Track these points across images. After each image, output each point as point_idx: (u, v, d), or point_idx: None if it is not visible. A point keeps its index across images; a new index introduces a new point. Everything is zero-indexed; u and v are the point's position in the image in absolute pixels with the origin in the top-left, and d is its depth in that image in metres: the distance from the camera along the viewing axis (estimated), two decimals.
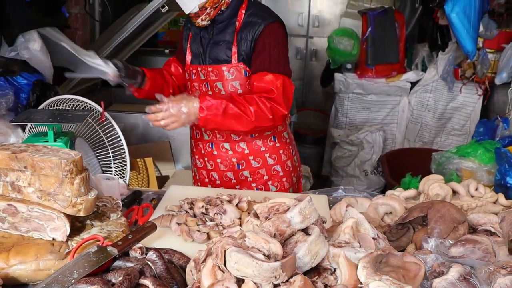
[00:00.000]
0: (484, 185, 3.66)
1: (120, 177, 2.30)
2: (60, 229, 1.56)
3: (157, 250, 1.47)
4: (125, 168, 2.32)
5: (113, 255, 1.46)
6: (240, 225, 1.80)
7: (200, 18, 2.22)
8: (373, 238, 1.49)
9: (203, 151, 2.46)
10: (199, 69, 2.34)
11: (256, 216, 1.52)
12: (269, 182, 2.48)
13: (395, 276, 1.33)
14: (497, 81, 4.16)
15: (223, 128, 2.20)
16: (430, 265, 1.42)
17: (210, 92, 2.32)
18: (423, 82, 4.91)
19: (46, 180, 1.54)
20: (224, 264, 1.26)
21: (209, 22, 2.25)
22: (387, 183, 4.59)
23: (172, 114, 2.07)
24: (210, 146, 2.44)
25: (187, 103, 2.08)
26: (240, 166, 2.43)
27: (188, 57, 2.40)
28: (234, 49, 2.26)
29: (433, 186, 1.96)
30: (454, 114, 4.89)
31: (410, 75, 4.92)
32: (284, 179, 2.50)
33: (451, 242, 1.49)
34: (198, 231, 1.77)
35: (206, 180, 2.50)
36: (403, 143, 5.19)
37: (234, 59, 2.27)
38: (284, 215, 1.41)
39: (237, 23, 2.27)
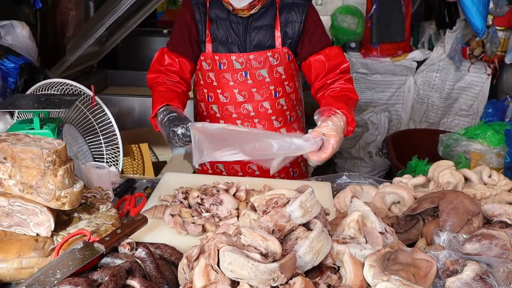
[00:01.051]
0: (493, 168, 3.58)
1: (113, 165, 2.19)
2: (44, 224, 1.46)
3: (146, 247, 1.36)
4: (118, 155, 2.20)
5: (100, 252, 1.36)
6: (238, 216, 1.69)
7: (255, 8, 2.08)
8: (380, 232, 1.37)
9: None
10: (234, 57, 2.14)
11: (253, 208, 1.40)
12: (290, 169, 2.38)
13: (405, 276, 1.22)
14: (507, 60, 4.02)
15: None
16: (442, 262, 1.31)
17: (250, 81, 2.17)
18: (429, 61, 4.77)
19: (28, 172, 1.43)
20: (218, 264, 1.15)
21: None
22: (392, 165, 4.48)
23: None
24: None
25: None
26: None
27: (208, 45, 2.17)
28: (278, 33, 2.14)
29: (443, 173, 1.84)
30: (461, 94, 4.76)
31: (416, 54, 4.78)
32: (302, 164, 2.42)
33: (465, 236, 1.38)
34: (193, 223, 1.67)
35: (210, 171, 2.38)
36: (409, 124, 5.07)
37: (278, 44, 2.15)
38: (284, 209, 1.30)
39: (277, 5, 2.15)
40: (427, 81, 4.85)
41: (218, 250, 1.16)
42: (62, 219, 1.57)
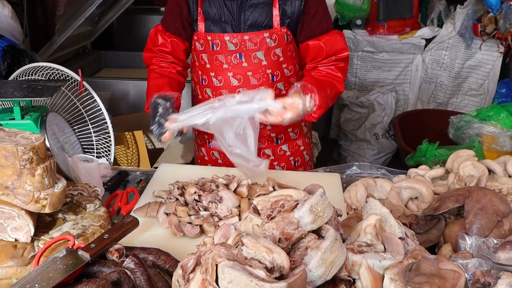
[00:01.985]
0: (506, 152, 3.42)
1: (104, 155, 2.02)
2: (22, 229, 1.31)
3: (136, 256, 1.20)
4: (110, 145, 2.04)
5: (84, 262, 1.21)
6: (239, 215, 1.53)
7: None
8: (399, 237, 1.22)
9: None
10: (227, 38, 1.95)
11: (256, 211, 1.25)
12: (291, 158, 2.21)
13: None
14: None
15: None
16: (471, 273, 1.16)
17: (245, 64, 1.99)
18: (438, 38, 4.56)
19: (2, 172, 1.27)
20: (216, 280, 1.00)
21: None
22: (400, 148, 4.32)
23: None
24: None
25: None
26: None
27: (201, 24, 2.00)
28: (276, 11, 1.95)
29: (464, 164, 1.68)
30: (471, 73, 4.56)
31: (425, 31, 4.56)
32: (305, 152, 2.26)
33: (495, 241, 1.22)
34: (190, 223, 1.51)
35: (206, 158, 2.22)
36: (416, 104, 4.88)
37: (276, 23, 1.96)
38: (291, 214, 1.14)
39: None
40: (436, 59, 4.65)
41: (217, 265, 1.00)
42: (44, 221, 1.42)
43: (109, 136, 2.04)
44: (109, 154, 2.04)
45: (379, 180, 1.71)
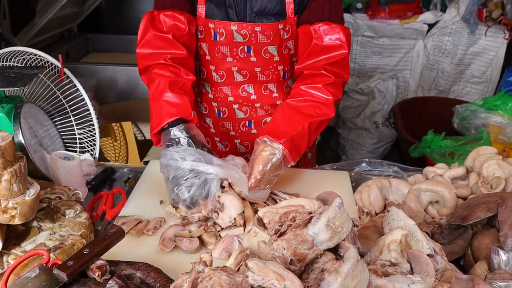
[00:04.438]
0: None
1: (89, 150, 1.83)
2: None
3: (120, 277, 1.03)
4: (95, 138, 1.85)
5: (60, 283, 1.03)
6: (244, 225, 1.35)
7: None
8: (428, 254, 1.05)
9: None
10: (235, 27, 1.66)
11: (262, 223, 1.07)
12: None
13: None
14: None
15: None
16: None
17: (253, 59, 1.71)
18: (441, 23, 4.42)
19: None
20: None
21: None
22: (400, 137, 4.18)
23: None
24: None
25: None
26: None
27: (201, 8, 1.67)
28: None
29: (488, 164, 1.51)
30: (474, 59, 4.44)
31: (428, 16, 4.42)
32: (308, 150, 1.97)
33: None
34: (188, 238, 1.33)
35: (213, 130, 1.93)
36: (417, 92, 4.75)
37: (290, 11, 1.67)
38: (305, 230, 0.96)
39: None
40: (438, 45, 4.51)
41: None
42: (16, 231, 1.24)
43: (94, 129, 1.85)
44: (94, 149, 1.85)
45: (394, 181, 1.54)
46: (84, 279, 1.10)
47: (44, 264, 1.08)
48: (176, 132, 1.48)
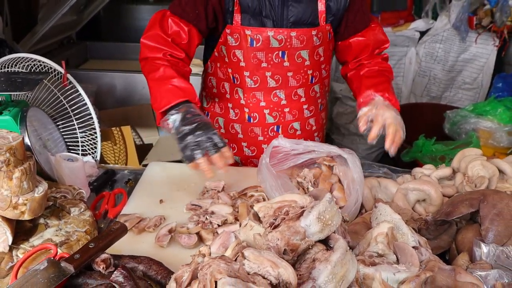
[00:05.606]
0: (503, 148, 3.34)
1: (90, 153, 1.90)
2: None
3: (125, 268, 1.09)
4: (96, 141, 1.92)
5: (68, 275, 1.10)
6: (237, 219, 1.42)
7: None
8: (413, 246, 1.12)
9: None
10: (271, 33, 1.74)
11: (257, 218, 1.14)
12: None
13: None
14: None
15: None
16: (491, 285, 1.06)
17: (287, 64, 1.81)
18: (433, 31, 4.49)
19: None
20: None
21: None
22: None
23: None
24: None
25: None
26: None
27: (237, 17, 1.75)
28: (321, 6, 1.79)
29: (473, 164, 1.59)
30: (465, 66, 4.50)
31: (419, 24, 4.50)
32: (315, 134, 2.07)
33: None
34: (186, 234, 1.39)
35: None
36: (409, 98, 4.81)
37: (322, 20, 1.80)
38: (297, 222, 1.03)
39: None
40: (430, 52, 4.58)
41: (216, 282, 0.90)
42: (24, 227, 1.30)
43: (95, 132, 1.92)
44: (95, 152, 1.92)
45: (383, 181, 1.61)
46: (90, 272, 1.16)
47: (52, 258, 1.14)
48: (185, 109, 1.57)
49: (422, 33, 4.55)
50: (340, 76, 4.88)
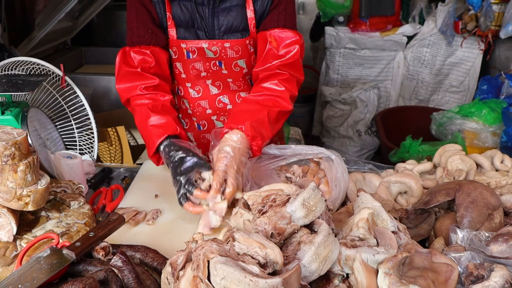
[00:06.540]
0: (488, 148, 3.44)
1: (87, 152, 1.98)
2: (4, 228, 1.26)
3: (123, 254, 1.17)
4: (93, 141, 1.99)
5: (69, 261, 1.17)
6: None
7: None
8: (392, 231, 1.21)
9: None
10: (205, 45, 1.76)
11: (247, 206, 1.22)
12: None
13: (424, 283, 1.06)
14: (502, 35, 3.85)
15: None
16: (464, 266, 1.15)
17: (225, 71, 1.83)
18: (420, 36, 4.59)
19: None
20: (208, 277, 0.98)
21: None
22: (382, 144, 4.34)
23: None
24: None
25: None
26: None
27: (172, 31, 1.77)
28: (250, 13, 1.78)
29: (452, 158, 1.68)
30: (452, 70, 4.60)
31: (407, 29, 4.59)
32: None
33: (487, 235, 1.22)
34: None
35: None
36: (398, 101, 4.91)
37: (252, 26, 1.79)
38: (283, 208, 1.12)
39: None
40: (417, 56, 4.68)
41: (208, 261, 0.98)
42: (27, 219, 1.37)
43: (92, 133, 1.99)
44: (92, 151, 1.99)
45: (368, 175, 1.70)
46: (90, 259, 1.24)
47: (54, 246, 1.22)
48: (167, 149, 1.58)
49: (410, 38, 4.65)
50: (330, 80, 5.01)
